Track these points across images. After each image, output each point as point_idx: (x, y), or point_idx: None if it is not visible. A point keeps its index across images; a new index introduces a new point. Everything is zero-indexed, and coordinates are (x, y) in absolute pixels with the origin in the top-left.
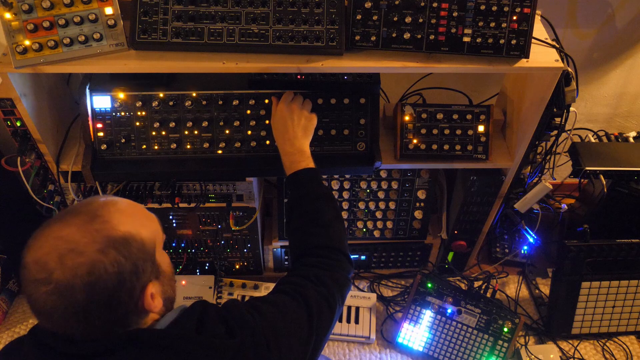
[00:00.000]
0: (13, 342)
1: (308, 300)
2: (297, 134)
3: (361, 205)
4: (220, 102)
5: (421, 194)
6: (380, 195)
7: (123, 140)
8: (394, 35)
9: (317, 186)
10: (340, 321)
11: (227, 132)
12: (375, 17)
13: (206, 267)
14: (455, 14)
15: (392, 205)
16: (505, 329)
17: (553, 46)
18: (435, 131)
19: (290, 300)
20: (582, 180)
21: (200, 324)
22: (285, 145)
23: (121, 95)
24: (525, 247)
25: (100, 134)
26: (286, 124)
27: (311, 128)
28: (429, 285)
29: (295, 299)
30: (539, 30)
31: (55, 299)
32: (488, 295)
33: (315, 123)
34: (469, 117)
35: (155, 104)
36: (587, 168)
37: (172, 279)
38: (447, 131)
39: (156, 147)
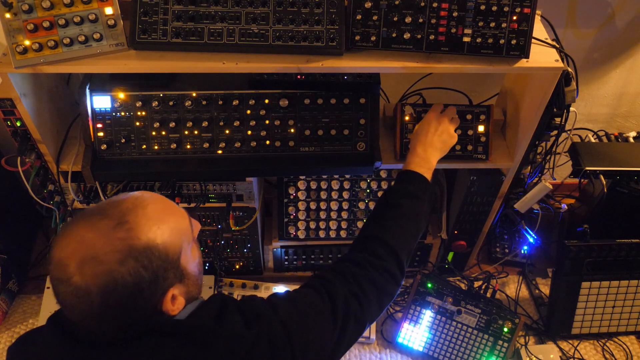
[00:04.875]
0: (29, 332)
1: (335, 299)
2: (434, 143)
3: (361, 205)
4: (220, 102)
5: None
6: (380, 195)
7: (123, 141)
8: (394, 35)
9: (418, 190)
10: None
11: (227, 132)
12: (375, 17)
13: (206, 267)
14: (455, 14)
15: None
16: (505, 329)
17: (553, 46)
18: None
19: (313, 295)
20: (582, 180)
21: (219, 315)
22: (418, 146)
23: (121, 95)
24: (525, 247)
25: (100, 134)
26: (429, 130)
27: (448, 145)
28: (429, 285)
29: (320, 293)
30: (539, 30)
31: (74, 299)
32: (488, 295)
33: (454, 143)
34: (469, 117)
35: (155, 104)
36: (587, 168)
37: (199, 277)
38: None
39: (156, 147)
